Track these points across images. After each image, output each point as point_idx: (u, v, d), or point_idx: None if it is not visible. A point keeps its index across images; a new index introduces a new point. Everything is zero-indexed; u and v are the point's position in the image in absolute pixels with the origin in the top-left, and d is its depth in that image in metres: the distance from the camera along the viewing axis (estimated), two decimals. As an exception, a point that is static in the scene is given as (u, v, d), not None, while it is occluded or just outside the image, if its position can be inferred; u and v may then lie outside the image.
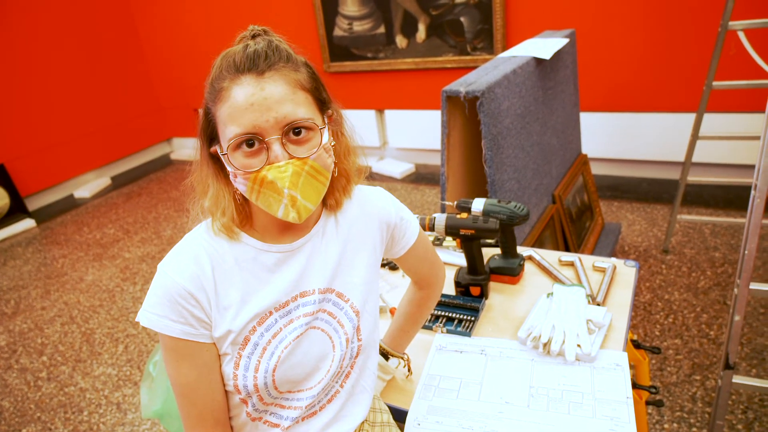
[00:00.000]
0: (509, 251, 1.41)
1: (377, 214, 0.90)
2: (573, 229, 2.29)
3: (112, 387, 2.28)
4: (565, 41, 2.18)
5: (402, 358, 1.12)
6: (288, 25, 4.13)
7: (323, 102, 0.77)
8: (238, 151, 0.71)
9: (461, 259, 1.51)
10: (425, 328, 1.27)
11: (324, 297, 0.83)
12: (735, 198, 3.08)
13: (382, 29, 3.82)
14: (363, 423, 0.94)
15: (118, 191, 4.62)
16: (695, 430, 1.70)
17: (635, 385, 1.15)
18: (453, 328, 1.26)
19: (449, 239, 1.65)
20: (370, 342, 0.91)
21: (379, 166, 4.20)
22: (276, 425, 0.84)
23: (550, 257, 1.50)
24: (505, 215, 1.35)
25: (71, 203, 4.48)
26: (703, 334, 2.10)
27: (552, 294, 1.27)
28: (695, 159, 2.60)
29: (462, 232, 1.31)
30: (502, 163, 1.74)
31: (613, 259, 1.43)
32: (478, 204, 1.39)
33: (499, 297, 1.37)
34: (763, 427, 1.68)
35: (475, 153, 1.79)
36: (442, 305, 1.33)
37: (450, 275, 1.40)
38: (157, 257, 3.36)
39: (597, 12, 3.11)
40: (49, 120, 4.37)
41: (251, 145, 0.70)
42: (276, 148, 0.70)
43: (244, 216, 0.80)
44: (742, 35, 2.13)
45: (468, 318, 1.27)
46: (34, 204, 4.38)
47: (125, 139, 4.99)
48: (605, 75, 3.23)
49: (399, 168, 4.10)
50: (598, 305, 1.27)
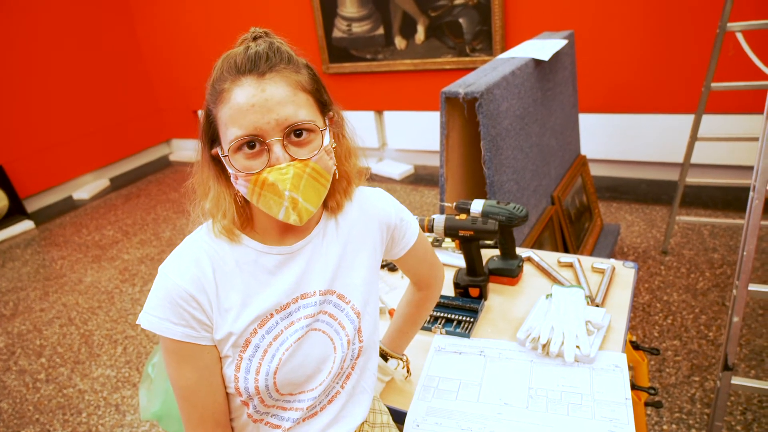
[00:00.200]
0: (508, 252, 1.41)
1: (377, 215, 0.90)
2: (572, 231, 2.29)
3: (110, 388, 2.28)
4: (564, 42, 2.19)
5: (401, 359, 1.12)
6: (287, 27, 4.13)
7: (324, 104, 0.77)
8: (239, 153, 0.70)
9: (460, 261, 1.51)
10: (424, 329, 1.27)
11: (325, 299, 0.83)
12: (734, 199, 3.08)
13: (381, 30, 3.82)
14: (363, 424, 0.94)
15: (117, 193, 4.62)
16: (694, 431, 1.71)
17: (634, 386, 1.15)
18: (452, 329, 1.26)
19: (448, 240, 1.65)
20: (370, 343, 0.91)
21: (378, 167, 4.20)
22: (277, 426, 0.84)
23: (549, 258, 1.50)
24: (504, 216, 1.35)
25: (70, 205, 4.47)
26: (702, 335, 2.10)
27: (551, 295, 1.27)
28: (694, 160, 2.60)
29: (461, 233, 1.32)
30: (501, 165, 1.74)
31: (612, 261, 1.43)
32: (477, 205, 1.39)
33: (498, 298, 1.37)
34: (762, 428, 1.68)
35: (474, 154, 1.79)
36: (441, 306, 1.33)
37: (449, 276, 1.40)
38: (156, 259, 3.36)
39: (596, 13, 3.11)
40: (48, 121, 4.37)
41: (252, 147, 0.70)
42: (277, 149, 0.70)
43: (244, 218, 0.79)
44: (740, 36, 2.13)
45: (467, 319, 1.27)
46: (32, 205, 4.37)
47: (124, 141, 4.99)
48: (604, 76, 3.23)
49: (398, 169, 4.11)
50: (597, 306, 1.27)
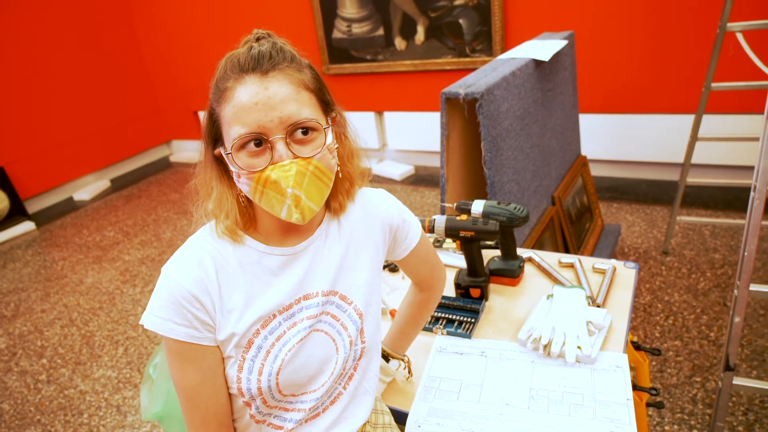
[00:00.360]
0: (509, 253, 1.41)
1: (380, 216, 0.90)
2: (573, 231, 2.29)
3: (112, 389, 2.28)
4: (564, 43, 2.19)
5: (402, 359, 1.12)
6: (287, 28, 4.13)
7: (327, 104, 0.77)
8: (242, 151, 0.71)
9: (461, 261, 1.51)
10: (425, 329, 1.27)
11: (327, 300, 0.83)
12: (734, 199, 3.08)
13: (381, 31, 3.82)
14: (365, 425, 0.94)
15: (117, 194, 4.62)
16: (696, 431, 1.70)
17: (635, 387, 1.15)
18: (453, 329, 1.26)
19: (449, 241, 1.65)
20: (373, 344, 0.91)
21: (379, 167, 4.20)
22: (279, 427, 0.84)
23: (549, 259, 1.50)
24: (505, 217, 1.35)
25: (71, 206, 4.48)
26: (703, 335, 2.10)
27: (552, 296, 1.27)
28: (694, 160, 2.60)
29: (462, 233, 1.32)
30: (501, 165, 1.74)
31: (613, 261, 1.43)
32: (477, 206, 1.39)
33: (499, 299, 1.37)
34: (764, 429, 1.68)
35: (475, 155, 1.79)
36: (442, 307, 1.33)
37: (450, 277, 1.40)
38: (157, 260, 3.36)
39: (596, 14, 3.11)
40: (49, 122, 4.37)
41: (258, 145, 0.70)
42: (280, 147, 0.70)
43: (247, 218, 0.80)
44: (740, 36, 2.13)
45: (468, 320, 1.27)
46: (33, 206, 4.37)
47: (125, 142, 4.99)
48: (604, 76, 3.23)
49: (398, 170, 4.11)
50: (598, 307, 1.27)
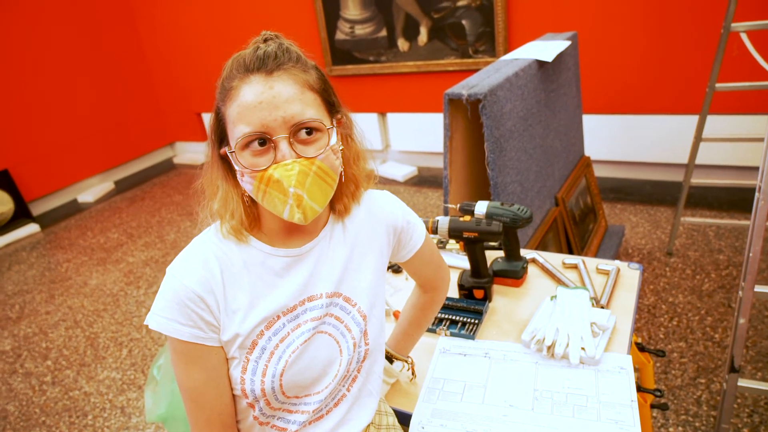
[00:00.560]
0: (512, 254, 1.41)
1: (384, 218, 0.90)
2: (576, 232, 2.28)
3: (116, 391, 2.28)
4: (567, 44, 2.18)
5: (406, 361, 1.12)
6: (290, 29, 4.12)
7: (332, 105, 0.78)
8: (246, 150, 0.71)
9: (464, 262, 1.51)
10: (429, 331, 1.27)
11: (331, 301, 0.83)
12: (739, 200, 3.07)
13: (383, 33, 3.83)
14: (369, 426, 0.94)
15: (121, 195, 4.64)
16: (701, 433, 1.70)
17: (640, 389, 1.15)
18: (456, 331, 1.25)
19: (452, 242, 1.65)
20: (376, 346, 0.91)
21: (382, 169, 4.21)
22: (283, 429, 0.84)
23: (553, 260, 1.50)
24: (509, 218, 1.35)
25: (75, 208, 4.49)
26: (708, 337, 2.09)
27: (556, 297, 1.27)
28: (699, 161, 2.59)
29: (465, 235, 1.31)
30: (504, 166, 1.74)
31: (617, 262, 1.43)
32: (481, 207, 1.39)
33: (503, 300, 1.37)
34: (769, 430, 1.68)
35: (478, 156, 1.79)
36: (445, 308, 1.33)
37: (453, 278, 1.40)
38: (161, 261, 3.37)
39: (599, 14, 3.11)
40: (53, 125, 4.39)
41: (261, 144, 0.70)
42: (283, 146, 0.70)
43: (252, 219, 0.80)
44: (744, 37, 2.13)
45: (471, 321, 1.27)
46: (38, 209, 4.39)
47: (128, 144, 5.01)
48: (608, 77, 3.23)
49: (401, 171, 4.11)
50: (602, 308, 1.26)
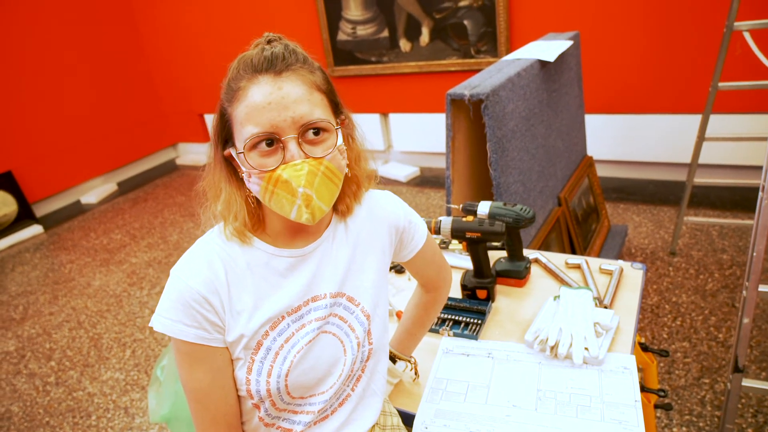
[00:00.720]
0: (515, 254, 1.41)
1: (386, 218, 0.90)
2: (579, 232, 2.28)
3: (120, 392, 2.29)
4: (569, 43, 2.18)
5: (409, 361, 1.12)
6: (292, 30, 4.14)
7: (337, 105, 0.78)
8: (254, 151, 0.71)
9: (467, 263, 1.51)
10: (432, 331, 1.27)
11: (335, 301, 0.84)
12: (742, 199, 3.06)
13: (385, 33, 3.83)
14: (374, 426, 0.94)
15: (124, 197, 4.65)
16: (705, 433, 1.69)
17: (643, 389, 1.14)
18: (459, 331, 1.25)
19: (455, 242, 1.65)
20: (380, 345, 0.91)
21: (384, 169, 4.21)
22: (288, 430, 0.84)
23: (556, 260, 1.50)
24: (511, 218, 1.35)
25: (78, 209, 4.51)
26: (712, 336, 2.09)
27: (559, 297, 1.27)
28: (702, 160, 2.59)
29: (468, 235, 1.31)
30: (507, 166, 1.74)
31: (620, 262, 1.42)
32: (483, 207, 1.39)
33: (506, 300, 1.37)
34: (774, 430, 1.67)
35: (480, 156, 1.79)
36: (448, 308, 1.33)
37: (456, 278, 1.40)
38: (164, 262, 3.38)
39: (601, 14, 3.11)
40: (56, 127, 4.41)
41: (269, 145, 0.70)
42: (292, 147, 0.70)
43: (256, 220, 0.80)
44: (747, 36, 2.12)
45: (474, 321, 1.27)
46: (41, 210, 4.41)
47: (131, 145, 5.03)
48: (610, 77, 3.22)
49: (404, 171, 4.11)
50: (605, 308, 1.26)
